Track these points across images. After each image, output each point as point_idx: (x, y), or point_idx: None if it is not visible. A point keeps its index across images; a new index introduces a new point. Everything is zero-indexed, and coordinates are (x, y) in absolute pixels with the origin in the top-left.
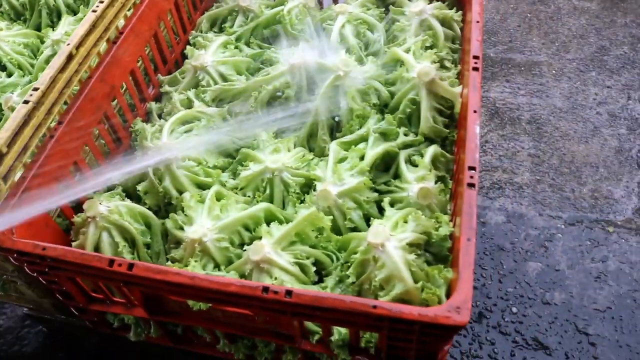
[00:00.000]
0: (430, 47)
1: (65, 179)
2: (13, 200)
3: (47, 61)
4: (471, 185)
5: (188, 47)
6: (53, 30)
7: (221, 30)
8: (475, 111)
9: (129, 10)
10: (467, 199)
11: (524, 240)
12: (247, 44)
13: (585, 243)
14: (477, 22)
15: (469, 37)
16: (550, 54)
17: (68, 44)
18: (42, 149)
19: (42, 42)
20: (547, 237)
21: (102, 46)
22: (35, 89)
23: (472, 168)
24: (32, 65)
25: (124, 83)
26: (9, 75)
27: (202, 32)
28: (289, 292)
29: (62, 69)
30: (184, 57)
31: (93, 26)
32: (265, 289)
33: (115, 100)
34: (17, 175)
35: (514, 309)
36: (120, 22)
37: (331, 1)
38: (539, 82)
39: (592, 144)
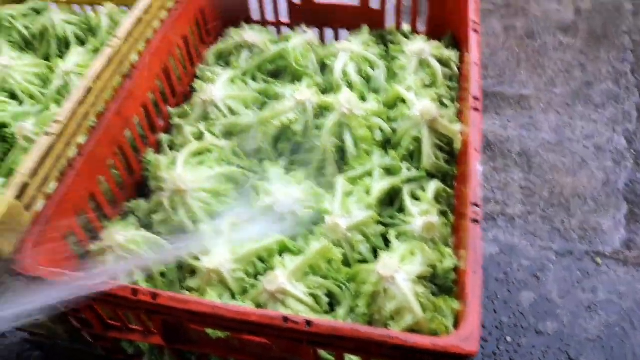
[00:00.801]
0: (430, 85)
1: (83, 209)
2: (37, 228)
3: (59, 91)
4: (475, 221)
5: (197, 80)
6: (61, 59)
7: (227, 63)
8: (476, 150)
9: (141, 44)
10: (472, 234)
11: (517, 271)
12: (253, 78)
13: (575, 274)
14: (477, 64)
15: (469, 77)
16: (538, 88)
17: (86, 78)
18: (63, 180)
19: (52, 71)
20: (539, 267)
21: (116, 80)
22: (56, 121)
23: (475, 204)
24: (42, 94)
25: (136, 115)
26: (20, 103)
27: (208, 66)
28: (308, 322)
29: (81, 102)
30: (191, 89)
31: (109, 61)
32: (285, 319)
33: (128, 132)
34: (39, 204)
35: (509, 338)
36: (133, 56)
37: (333, 38)
38: (528, 115)
39: (580, 176)
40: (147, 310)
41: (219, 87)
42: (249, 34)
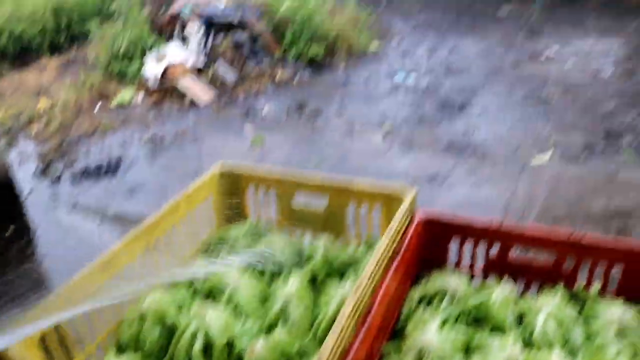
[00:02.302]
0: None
1: None
2: None
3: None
4: None
5: (406, 319)
6: (282, 282)
7: (428, 304)
8: None
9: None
10: None
11: None
12: (454, 322)
13: None
14: None
15: None
16: None
17: (343, 316)
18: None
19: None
20: None
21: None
22: None
23: None
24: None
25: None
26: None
27: (411, 305)
28: None
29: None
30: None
31: (358, 299)
32: None
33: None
34: None
35: None
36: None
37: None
38: None
39: None
40: None
41: (432, 330)
42: (452, 280)
